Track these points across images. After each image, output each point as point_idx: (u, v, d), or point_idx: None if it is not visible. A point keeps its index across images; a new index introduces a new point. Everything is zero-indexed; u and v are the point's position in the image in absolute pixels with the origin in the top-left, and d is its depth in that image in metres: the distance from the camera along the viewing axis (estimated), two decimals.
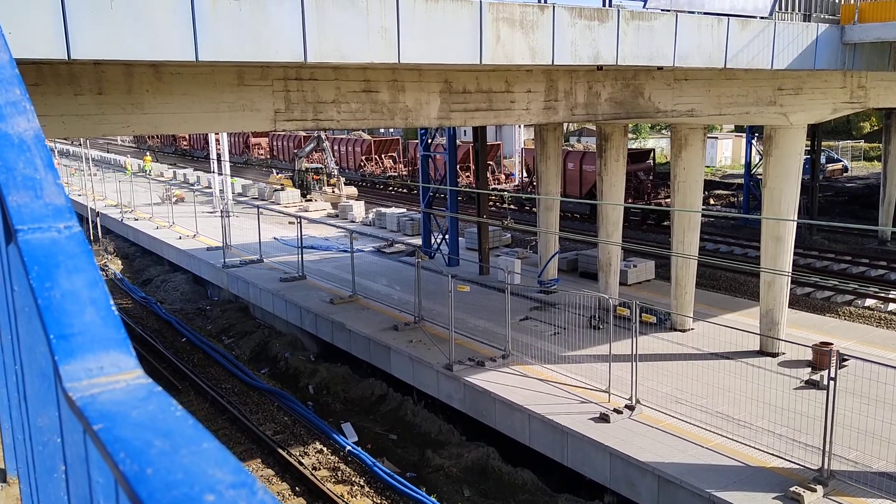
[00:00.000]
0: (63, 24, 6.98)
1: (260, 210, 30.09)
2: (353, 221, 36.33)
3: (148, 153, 65.64)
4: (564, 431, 13.44)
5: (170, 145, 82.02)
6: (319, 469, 14.46)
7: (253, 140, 67.54)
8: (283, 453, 14.99)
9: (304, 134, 61.11)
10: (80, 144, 47.16)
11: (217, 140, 38.88)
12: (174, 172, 57.81)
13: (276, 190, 44.30)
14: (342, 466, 14.51)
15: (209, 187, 43.61)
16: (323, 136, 46.67)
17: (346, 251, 24.79)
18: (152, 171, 57.67)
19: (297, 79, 10.74)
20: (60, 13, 6.95)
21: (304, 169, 45.45)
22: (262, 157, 67.61)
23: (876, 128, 59.24)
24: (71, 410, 0.94)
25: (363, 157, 54.53)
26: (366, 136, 58.25)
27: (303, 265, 24.89)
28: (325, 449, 15.20)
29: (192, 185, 51.45)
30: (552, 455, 13.80)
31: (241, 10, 7.95)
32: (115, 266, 33.09)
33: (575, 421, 13.57)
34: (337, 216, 38.02)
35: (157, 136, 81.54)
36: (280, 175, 48.32)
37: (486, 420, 15.25)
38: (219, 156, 38.38)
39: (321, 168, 46.36)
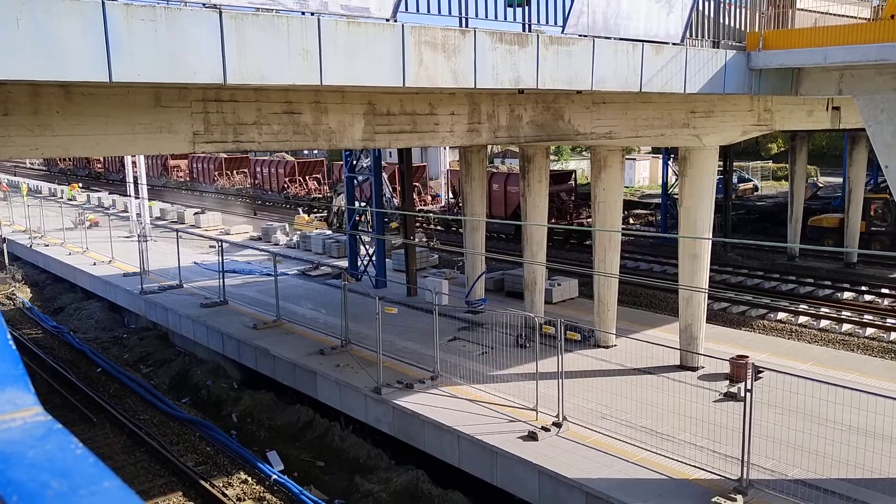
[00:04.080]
0: None
1: (179, 234, 29.28)
2: (276, 244, 35.75)
3: (79, 184, 62.81)
4: (493, 451, 13.47)
5: (83, 168, 79.24)
6: (244, 500, 14.04)
7: (171, 162, 65.95)
8: (206, 485, 14.49)
9: (226, 156, 60.00)
10: None
11: (134, 162, 37.73)
12: (88, 196, 55.73)
13: (196, 215, 43.14)
14: (268, 496, 14.13)
15: (125, 211, 42.20)
16: None
17: (269, 275, 24.32)
18: (72, 196, 55.28)
19: (216, 100, 10.53)
20: None
21: (342, 208, 37.20)
22: (182, 179, 66.07)
23: (783, 149, 62.31)
24: None
25: (287, 179, 53.89)
26: (289, 158, 57.60)
27: (224, 290, 24.29)
28: (249, 479, 14.78)
29: (108, 208, 49.69)
30: (482, 475, 13.79)
31: (157, 30, 7.75)
32: (24, 294, 31.53)
33: (504, 440, 13.63)
34: (260, 239, 37.36)
35: (70, 159, 78.64)
36: (311, 217, 40.53)
37: (416, 443, 15.15)
38: (135, 178, 37.25)
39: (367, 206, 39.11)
